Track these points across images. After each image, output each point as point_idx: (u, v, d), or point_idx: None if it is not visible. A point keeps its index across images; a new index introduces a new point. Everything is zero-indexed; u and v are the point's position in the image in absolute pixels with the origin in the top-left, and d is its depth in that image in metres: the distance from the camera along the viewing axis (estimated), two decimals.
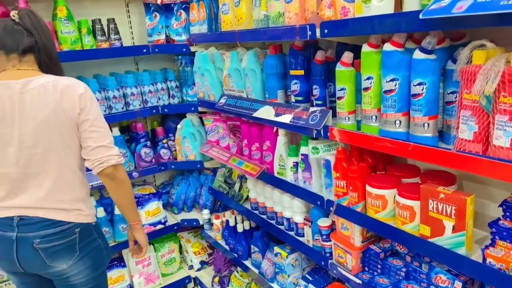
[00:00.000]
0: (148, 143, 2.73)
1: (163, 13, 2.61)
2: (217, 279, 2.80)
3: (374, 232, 1.66)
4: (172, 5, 2.58)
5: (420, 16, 1.08)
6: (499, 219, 1.21)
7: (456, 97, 1.24)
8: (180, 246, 3.09)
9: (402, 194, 1.40)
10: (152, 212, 2.76)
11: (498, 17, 0.96)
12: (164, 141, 2.80)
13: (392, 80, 1.33)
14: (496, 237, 1.18)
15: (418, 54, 1.24)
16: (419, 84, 1.25)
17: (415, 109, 1.28)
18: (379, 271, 1.63)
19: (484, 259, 1.18)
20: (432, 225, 1.30)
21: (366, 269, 1.70)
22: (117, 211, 2.57)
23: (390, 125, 1.37)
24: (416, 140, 1.29)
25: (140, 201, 2.74)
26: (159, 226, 2.79)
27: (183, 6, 2.56)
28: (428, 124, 1.27)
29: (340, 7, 1.45)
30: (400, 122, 1.35)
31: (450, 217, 1.24)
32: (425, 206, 1.31)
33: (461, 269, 1.24)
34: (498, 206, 1.23)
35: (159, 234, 2.82)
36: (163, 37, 2.65)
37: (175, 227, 2.86)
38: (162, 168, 2.80)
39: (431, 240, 1.31)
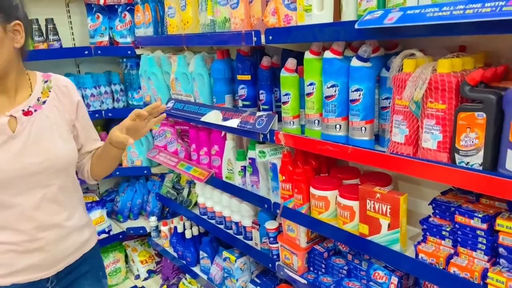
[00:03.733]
0: None
1: (106, 14, 2.53)
2: (165, 287, 2.73)
3: (318, 233, 1.71)
4: (116, 6, 2.51)
5: (356, 26, 1.14)
6: (429, 216, 1.30)
7: (389, 103, 1.32)
8: (126, 256, 2.99)
9: (343, 195, 1.46)
10: (95, 221, 2.64)
11: (425, 28, 1.04)
12: None
13: (332, 86, 1.39)
14: (427, 233, 1.27)
15: (355, 62, 1.31)
16: (357, 90, 1.32)
17: (353, 114, 1.35)
18: (323, 270, 1.68)
19: (417, 255, 1.26)
20: (370, 224, 1.37)
21: (311, 269, 1.75)
22: None
23: (331, 129, 1.43)
24: (354, 143, 1.35)
25: None
26: (103, 236, 2.69)
27: (128, 8, 2.50)
28: (365, 128, 1.34)
29: (283, 15, 1.50)
30: (340, 126, 1.41)
31: (385, 216, 1.31)
32: (363, 206, 1.38)
33: (397, 264, 1.31)
34: (429, 204, 1.32)
35: (103, 244, 2.71)
36: (106, 39, 2.56)
37: (120, 236, 2.76)
38: None
39: (369, 238, 1.38)
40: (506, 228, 1.07)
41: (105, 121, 2.91)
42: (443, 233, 1.22)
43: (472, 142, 1.03)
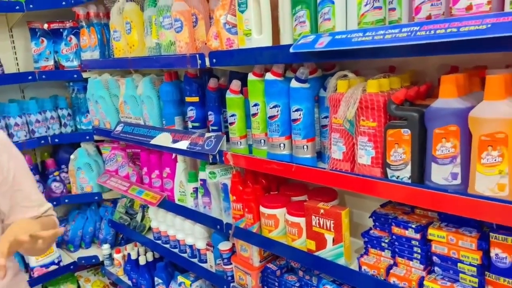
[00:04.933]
0: (37, 176, 2.51)
1: (50, 38, 2.47)
2: None
3: (269, 251, 1.73)
4: (60, 30, 2.46)
5: (290, 50, 1.19)
6: (370, 229, 1.35)
7: (328, 121, 1.37)
8: (79, 287, 2.84)
9: (290, 212, 1.49)
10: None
11: (351, 52, 1.10)
12: (56, 173, 2.60)
13: (274, 106, 1.43)
14: (368, 245, 1.31)
15: (294, 83, 1.36)
16: (297, 110, 1.36)
17: (295, 133, 1.39)
18: None
19: (360, 267, 1.30)
20: (317, 239, 1.40)
21: None
22: None
23: (276, 148, 1.46)
24: (298, 161, 1.39)
25: None
26: (52, 267, 2.56)
27: (73, 31, 2.46)
28: (307, 146, 1.38)
29: (225, 39, 1.53)
30: (284, 145, 1.45)
31: (330, 231, 1.35)
32: (309, 222, 1.41)
33: (342, 278, 1.35)
34: (369, 217, 1.37)
35: (53, 276, 2.59)
36: (51, 63, 2.50)
37: (71, 267, 2.64)
38: (54, 203, 2.57)
39: (316, 253, 1.41)
40: (437, 237, 1.13)
41: (53, 147, 2.81)
42: (383, 244, 1.27)
43: (401, 157, 1.10)
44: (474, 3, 0.93)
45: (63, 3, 2.37)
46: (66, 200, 2.62)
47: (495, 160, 0.93)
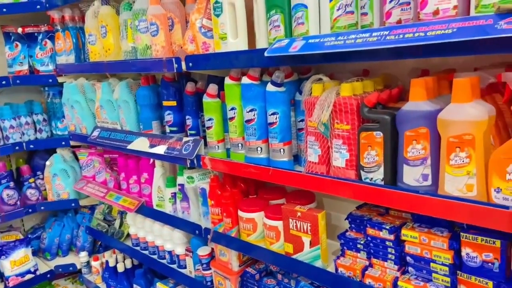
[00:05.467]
0: (11, 184, 2.45)
1: (25, 43, 2.42)
2: None
3: (247, 255, 1.72)
4: (35, 34, 2.41)
5: (265, 54, 1.20)
6: (346, 230, 1.36)
7: (304, 125, 1.38)
8: None
9: (268, 215, 1.49)
10: (19, 261, 2.45)
11: (324, 55, 1.12)
12: (31, 180, 2.54)
13: (251, 110, 1.43)
14: (345, 247, 1.32)
15: (270, 87, 1.36)
16: (273, 113, 1.37)
17: (272, 136, 1.40)
18: None
19: (336, 269, 1.31)
20: (294, 242, 1.40)
21: None
22: None
23: (253, 152, 1.46)
24: (275, 165, 1.39)
25: (4, 250, 2.42)
26: (28, 276, 2.49)
27: (49, 35, 2.41)
28: (284, 150, 1.39)
29: (201, 42, 1.53)
30: (261, 148, 1.45)
31: (307, 233, 1.36)
32: (286, 225, 1.41)
33: (320, 280, 1.35)
34: (345, 219, 1.38)
35: (29, 285, 2.52)
36: (26, 67, 2.44)
37: (48, 275, 2.58)
38: (30, 210, 2.52)
39: (294, 256, 1.41)
40: (410, 237, 1.15)
41: (28, 153, 2.74)
42: (358, 246, 1.28)
43: (374, 159, 1.11)
44: (441, 8, 0.95)
45: (38, 6, 2.33)
46: (42, 208, 2.56)
47: (463, 161, 0.95)
